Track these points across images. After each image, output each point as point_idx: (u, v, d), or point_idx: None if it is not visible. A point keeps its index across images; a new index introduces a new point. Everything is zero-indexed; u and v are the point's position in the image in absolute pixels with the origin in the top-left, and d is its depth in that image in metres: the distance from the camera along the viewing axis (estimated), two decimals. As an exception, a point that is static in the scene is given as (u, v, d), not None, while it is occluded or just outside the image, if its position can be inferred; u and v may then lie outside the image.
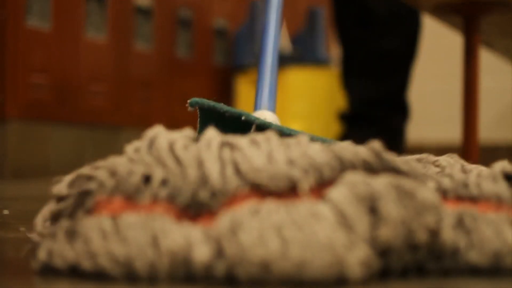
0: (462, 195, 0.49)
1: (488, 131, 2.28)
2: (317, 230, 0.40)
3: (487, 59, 1.91)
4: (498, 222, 0.46)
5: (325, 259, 0.39)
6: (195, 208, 0.43)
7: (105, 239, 0.42)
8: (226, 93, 2.58)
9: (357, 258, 0.40)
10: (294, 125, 2.43)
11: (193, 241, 0.41)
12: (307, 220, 0.41)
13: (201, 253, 0.40)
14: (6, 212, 0.84)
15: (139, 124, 2.25)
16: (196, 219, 0.43)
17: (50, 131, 1.93)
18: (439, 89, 2.58)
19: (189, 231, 0.41)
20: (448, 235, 0.44)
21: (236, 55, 2.58)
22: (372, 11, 1.68)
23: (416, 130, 2.34)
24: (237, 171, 0.44)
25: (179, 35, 2.43)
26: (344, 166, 0.45)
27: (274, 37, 0.85)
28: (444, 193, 0.49)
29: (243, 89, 2.51)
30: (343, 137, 1.69)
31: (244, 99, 2.49)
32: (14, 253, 0.53)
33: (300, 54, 2.53)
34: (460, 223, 0.46)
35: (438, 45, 2.44)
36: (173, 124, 2.55)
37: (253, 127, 0.55)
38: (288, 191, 0.43)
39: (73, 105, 2.02)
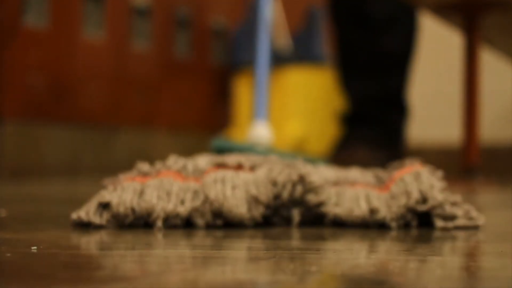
0: (344, 182, 0.76)
1: (489, 131, 2.28)
2: (240, 193, 0.70)
3: (487, 59, 1.90)
4: (361, 191, 0.72)
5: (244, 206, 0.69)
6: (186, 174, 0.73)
7: (134, 192, 0.69)
8: (225, 93, 2.57)
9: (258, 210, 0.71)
10: (292, 124, 2.43)
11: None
12: (244, 182, 0.71)
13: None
14: (3, 213, 0.83)
15: (137, 125, 2.24)
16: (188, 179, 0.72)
17: (47, 131, 1.92)
18: (439, 89, 2.57)
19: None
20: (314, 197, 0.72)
21: (235, 55, 2.58)
22: (370, 11, 1.68)
23: (417, 130, 2.34)
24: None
25: (178, 35, 2.42)
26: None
27: (266, 49, 1.08)
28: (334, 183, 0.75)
29: (242, 88, 2.51)
30: (344, 137, 1.69)
31: (242, 99, 2.48)
32: (12, 254, 0.52)
33: (299, 53, 2.52)
34: (338, 192, 0.73)
35: (438, 45, 2.43)
36: (171, 124, 2.53)
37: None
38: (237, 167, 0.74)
39: (71, 105, 2.01)
